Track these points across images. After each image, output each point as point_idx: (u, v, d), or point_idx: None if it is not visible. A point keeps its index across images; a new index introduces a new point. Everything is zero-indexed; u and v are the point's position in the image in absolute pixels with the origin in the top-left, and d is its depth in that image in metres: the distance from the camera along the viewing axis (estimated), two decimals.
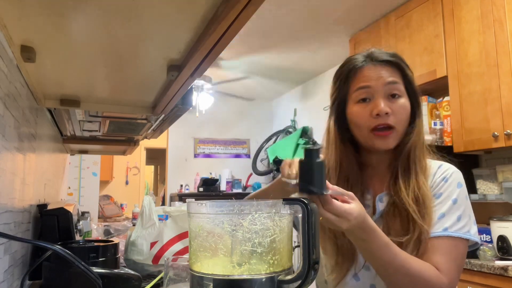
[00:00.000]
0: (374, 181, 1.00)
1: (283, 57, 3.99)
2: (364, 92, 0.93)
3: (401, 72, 0.95)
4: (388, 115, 0.91)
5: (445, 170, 0.96)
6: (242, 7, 0.59)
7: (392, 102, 0.92)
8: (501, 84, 2.10)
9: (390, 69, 0.94)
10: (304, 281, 0.60)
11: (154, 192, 8.55)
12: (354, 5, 2.88)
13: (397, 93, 0.93)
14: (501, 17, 2.12)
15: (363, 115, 0.93)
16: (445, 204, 0.91)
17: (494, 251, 1.93)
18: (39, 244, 1.05)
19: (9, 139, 0.90)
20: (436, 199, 0.92)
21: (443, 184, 0.94)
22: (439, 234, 0.88)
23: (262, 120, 5.78)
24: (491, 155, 2.48)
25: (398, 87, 0.93)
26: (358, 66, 0.95)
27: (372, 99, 0.93)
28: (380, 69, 0.93)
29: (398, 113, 0.92)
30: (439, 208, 0.91)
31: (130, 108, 1.33)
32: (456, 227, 0.89)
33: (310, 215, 0.62)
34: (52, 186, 1.95)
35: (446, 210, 0.91)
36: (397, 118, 0.92)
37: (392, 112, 0.91)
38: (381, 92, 0.92)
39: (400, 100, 0.93)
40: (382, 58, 0.94)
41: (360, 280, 0.95)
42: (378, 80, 0.92)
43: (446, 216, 0.90)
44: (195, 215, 0.64)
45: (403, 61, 0.97)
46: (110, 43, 0.81)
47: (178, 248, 1.38)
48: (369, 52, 0.97)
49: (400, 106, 0.92)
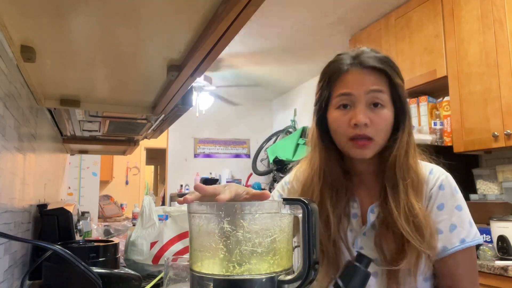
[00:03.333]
0: (360, 190, 0.95)
1: (283, 57, 3.99)
2: (345, 98, 0.88)
3: (388, 80, 0.88)
4: (367, 126, 0.85)
5: (438, 177, 0.91)
6: (242, 7, 0.59)
7: (373, 112, 0.86)
8: (501, 84, 2.10)
9: (376, 75, 0.87)
10: (304, 281, 0.60)
11: (154, 192, 8.54)
12: (354, 5, 2.88)
13: (380, 103, 0.86)
14: (501, 17, 2.12)
15: (342, 122, 0.88)
16: (452, 214, 0.88)
17: (494, 251, 1.93)
18: (39, 244, 1.05)
19: (9, 139, 0.90)
20: (439, 211, 0.88)
21: (442, 193, 0.89)
22: (459, 248, 0.85)
23: (262, 120, 5.78)
24: (491, 155, 2.48)
25: (381, 96, 0.86)
26: (343, 70, 0.89)
27: (353, 106, 0.87)
28: (364, 75, 0.87)
29: (378, 124, 0.86)
30: (447, 220, 0.87)
31: (130, 108, 1.33)
32: (472, 235, 0.87)
33: (310, 215, 0.61)
34: (52, 186, 1.95)
35: (457, 221, 0.87)
36: (376, 130, 0.86)
37: (372, 123, 0.86)
38: (363, 100, 0.86)
39: (382, 110, 0.87)
40: (369, 63, 0.87)
41: None
42: (361, 88, 0.86)
43: (459, 227, 0.87)
44: (195, 215, 0.64)
45: (393, 67, 0.89)
46: (110, 43, 0.81)
47: (178, 248, 1.38)
48: (358, 52, 0.90)
49: (380, 117, 0.86)
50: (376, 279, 0.89)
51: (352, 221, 0.94)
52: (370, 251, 0.89)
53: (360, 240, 0.92)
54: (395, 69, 0.90)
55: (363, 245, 0.91)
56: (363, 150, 0.87)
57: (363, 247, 0.91)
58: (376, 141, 0.87)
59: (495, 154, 2.45)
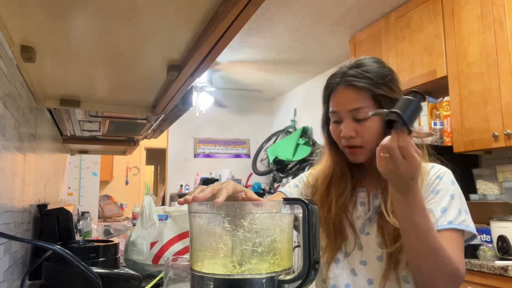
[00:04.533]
0: (366, 180, 1.06)
1: (283, 57, 3.99)
2: (334, 115, 1.00)
3: (370, 94, 0.96)
4: (354, 138, 0.96)
5: (438, 170, 1.01)
6: (242, 7, 0.59)
7: (359, 124, 0.96)
8: (501, 84, 2.10)
9: (356, 93, 0.96)
10: (304, 281, 0.60)
11: (154, 192, 8.54)
12: (354, 5, 2.88)
13: (362, 117, 0.96)
14: (501, 17, 2.12)
15: (336, 134, 1.01)
16: (444, 199, 0.95)
17: (494, 251, 1.93)
18: (39, 244, 1.05)
19: (9, 139, 0.90)
20: (434, 195, 0.97)
21: (439, 181, 0.98)
22: (446, 227, 0.92)
23: (262, 120, 5.78)
24: (491, 155, 2.48)
25: (362, 112, 0.95)
26: (332, 88, 1.00)
27: (341, 121, 0.99)
28: (347, 94, 0.97)
29: (364, 134, 0.96)
30: (439, 202, 0.95)
31: (130, 108, 1.33)
32: (459, 220, 0.93)
33: (310, 215, 0.62)
34: (52, 186, 1.95)
35: (447, 205, 0.95)
36: (363, 139, 0.96)
37: (358, 134, 0.96)
38: (348, 116, 0.97)
39: (366, 122, 0.96)
40: (350, 82, 0.97)
41: (358, 275, 0.99)
42: (343, 107, 0.97)
43: (448, 210, 0.94)
44: (195, 215, 0.64)
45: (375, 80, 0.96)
46: (110, 43, 0.81)
47: (178, 248, 1.38)
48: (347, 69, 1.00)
49: (365, 128, 0.96)
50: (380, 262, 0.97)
51: (360, 208, 1.04)
52: (375, 236, 0.98)
53: (366, 225, 1.01)
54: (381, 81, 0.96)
55: (369, 231, 1.00)
56: (355, 156, 0.99)
57: (369, 232, 1.00)
58: (366, 147, 0.97)
59: (495, 154, 2.45)
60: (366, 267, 0.99)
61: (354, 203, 1.05)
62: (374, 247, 0.98)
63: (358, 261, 1.00)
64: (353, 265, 1.00)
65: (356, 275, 0.99)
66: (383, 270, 0.96)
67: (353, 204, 1.05)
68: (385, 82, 0.97)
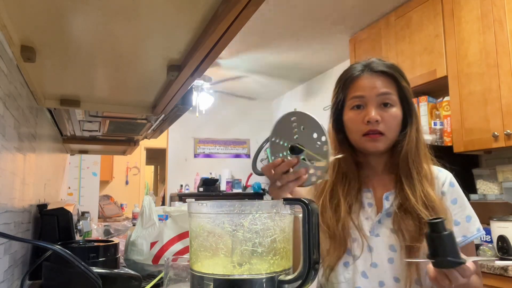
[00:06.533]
0: (374, 181, 1.06)
1: (283, 57, 3.99)
2: (358, 100, 1.01)
3: (395, 83, 1.00)
4: (378, 123, 0.98)
5: (447, 175, 1.03)
6: (242, 7, 0.59)
7: (384, 111, 0.99)
8: (501, 84, 2.10)
9: (385, 79, 1.00)
10: (305, 281, 0.60)
11: (154, 192, 8.54)
12: (354, 5, 2.88)
13: (389, 103, 0.99)
14: (501, 17, 2.12)
15: (357, 121, 1.01)
16: (465, 207, 0.99)
17: (494, 251, 1.93)
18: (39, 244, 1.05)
19: (9, 139, 0.90)
20: (453, 205, 0.99)
21: (452, 190, 1.01)
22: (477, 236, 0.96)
23: (262, 120, 5.78)
24: (491, 155, 2.48)
25: (390, 97, 0.99)
26: (355, 75, 1.02)
27: (365, 107, 1.00)
28: (375, 79, 1.00)
29: (388, 121, 0.99)
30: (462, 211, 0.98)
31: (130, 108, 1.33)
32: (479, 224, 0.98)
33: (310, 215, 0.62)
34: (52, 186, 1.95)
35: (470, 212, 0.99)
36: (387, 126, 0.99)
37: (383, 120, 0.98)
38: (374, 101, 0.99)
39: (391, 109, 0.99)
40: (378, 68, 1.01)
41: (369, 277, 0.98)
42: (372, 90, 0.99)
43: (473, 218, 0.98)
44: (195, 215, 0.64)
45: (399, 72, 1.02)
46: (110, 43, 0.81)
47: (178, 248, 1.38)
48: (368, 61, 1.03)
49: (390, 115, 0.99)
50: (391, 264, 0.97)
51: (368, 209, 1.04)
52: (386, 238, 0.98)
53: (376, 227, 1.01)
54: (402, 74, 1.02)
55: (379, 232, 0.99)
56: (376, 143, 0.99)
57: (379, 234, 0.99)
58: (387, 135, 0.99)
59: (495, 154, 2.45)
60: (377, 269, 0.97)
61: (360, 203, 1.04)
62: (385, 249, 0.97)
63: (369, 263, 0.98)
64: (364, 267, 0.98)
65: (367, 278, 0.98)
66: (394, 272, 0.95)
67: (359, 205, 1.04)
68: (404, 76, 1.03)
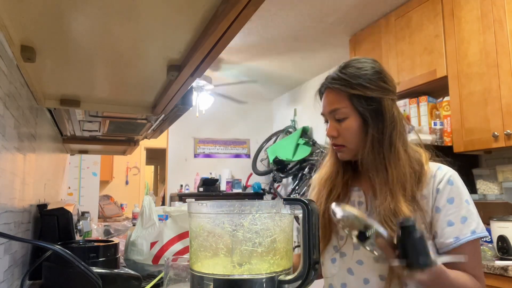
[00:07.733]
0: (364, 181, 1.07)
1: (283, 57, 3.99)
2: (324, 117, 1.08)
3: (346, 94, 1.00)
4: (336, 137, 1.03)
5: (446, 173, 0.99)
6: (242, 7, 0.59)
7: (339, 125, 1.03)
8: (501, 84, 2.10)
9: (333, 95, 1.03)
10: (304, 281, 0.60)
11: (154, 192, 8.54)
12: (354, 5, 2.88)
13: (340, 117, 1.02)
14: (501, 17, 2.12)
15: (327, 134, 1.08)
16: (462, 207, 0.95)
17: (494, 251, 1.93)
18: (39, 244, 1.05)
19: (9, 139, 0.90)
20: (450, 204, 0.96)
21: (451, 188, 0.97)
22: (470, 238, 0.92)
23: (262, 120, 5.78)
24: (491, 155, 2.48)
25: (339, 112, 1.01)
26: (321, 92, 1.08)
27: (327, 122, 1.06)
28: (326, 97, 1.05)
29: (343, 134, 1.02)
30: (457, 211, 0.95)
31: (130, 108, 1.33)
32: (480, 226, 0.95)
33: (310, 215, 0.62)
34: (52, 186, 1.95)
35: (467, 213, 0.95)
36: (344, 138, 1.02)
37: (339, 134, 1.03)
38: (330, 118, 1.04)
39: (344, 122, 1.02)
40: (327, 86, 1.04)
41: (354, 274, 1.00)
42: (325, 108, 1.05)
43: (469, 219, 0.94)
44: (196, 215, 0.64)
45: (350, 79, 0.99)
46: (110, 43, 0.81)
47: (178, 248, 1.38)
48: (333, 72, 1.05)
49: (344, 128, 1.02)
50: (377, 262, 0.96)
51: (357, 207, 1.05)
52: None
53: None
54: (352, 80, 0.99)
55: None
56: (341, 154, 1.05)
57: None
58: (348, 146, 1.03)
59: (495, 154, 2.44)
60: (362, 266, 0.99)
61: (348, 200, 1.07)
62: None
63: (354, 260, 1.00)
64: (349, 264, 1.01)
65: (352, 275, 1.00)
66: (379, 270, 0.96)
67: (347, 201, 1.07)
68: (359, 81, 0.99)
